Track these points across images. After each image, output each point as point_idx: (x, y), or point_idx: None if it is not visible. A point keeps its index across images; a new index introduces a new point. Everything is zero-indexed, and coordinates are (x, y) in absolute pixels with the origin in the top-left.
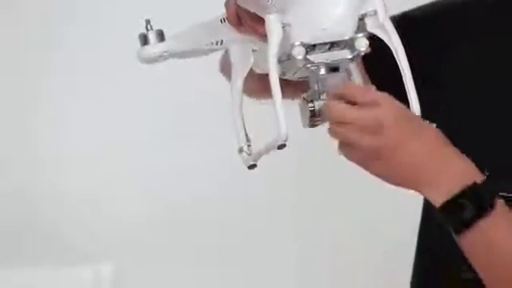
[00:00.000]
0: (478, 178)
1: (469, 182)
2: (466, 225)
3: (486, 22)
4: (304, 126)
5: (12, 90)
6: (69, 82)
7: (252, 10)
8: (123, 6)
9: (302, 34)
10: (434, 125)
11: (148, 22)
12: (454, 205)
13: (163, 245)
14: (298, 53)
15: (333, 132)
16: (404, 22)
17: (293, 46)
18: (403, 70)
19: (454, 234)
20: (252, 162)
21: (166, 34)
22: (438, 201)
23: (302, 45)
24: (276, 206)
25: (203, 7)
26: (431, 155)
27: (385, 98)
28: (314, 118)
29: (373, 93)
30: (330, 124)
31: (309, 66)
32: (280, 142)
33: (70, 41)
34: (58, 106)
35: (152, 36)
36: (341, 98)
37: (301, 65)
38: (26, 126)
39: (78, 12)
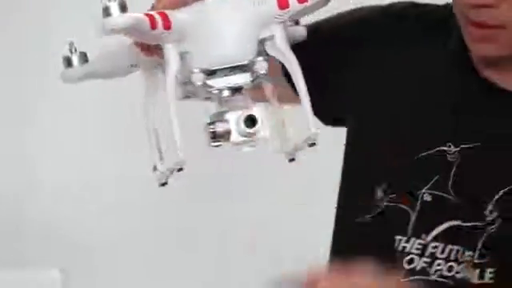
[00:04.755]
0: None
1: None
2: None
3: (389, 35)
4: (209, 146)
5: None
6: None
7: (150, 42)
8: None
9: (201, 61)
10: None
11: (72, 44)
12: None
13: (112, 249)
14: (197, 79)
15: None
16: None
17: (192, 72)
18: (301, 92)
19: None
20: (163, 181)
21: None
22: None
23: (201, 71)
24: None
25: None
26: None
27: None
28: (215, 139)
29: None
30: None
31: (209, 90)
32: (179, 166)
33: None
34: None
35: (75, 58)
36: None
37: (201, 90)
38: None
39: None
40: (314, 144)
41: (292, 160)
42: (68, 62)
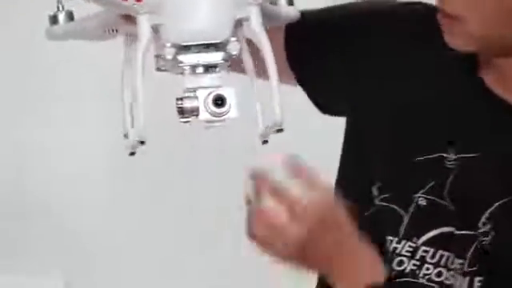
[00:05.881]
0: (381, 277)
1: (370, 281)
2: None
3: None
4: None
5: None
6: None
7: (123, 13)
8: None
9: (174, 35)
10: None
11: (59, 1)
12: None
13: (115, 259)
14: (168, 53)
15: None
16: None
17: (164, 46)
18: (271, 77)
19: None
20: (132, 150)
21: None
22: None
23: (173, 45)
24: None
25: None
26: (339, 252)
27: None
28: (183, 115)
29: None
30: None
31: (180, 65)
32: (139, 139)
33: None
34: None
35: (61, 16)
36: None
37: (172, 64)
38: None
39: None
40: (281, 130)
41: (265, 142)
42: (54, 20)
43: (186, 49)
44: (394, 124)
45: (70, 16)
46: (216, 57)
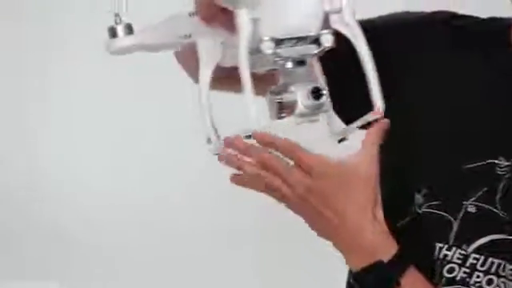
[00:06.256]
0: (389, 252)
1: (376, 258)
2: None
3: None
4: (271, 119)
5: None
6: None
7: (223, 5)
8: None
9: (271, 29)
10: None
11: (117, 15)
12: (361, 278)
13: (112, 262)
14: (268, 47)
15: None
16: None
17: (262, 40)
18: (368, 70)
19: None
20: (218, 152)
21: (135, 28)
22: (351, 267)
23: (271, 39)
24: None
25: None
26: (346, 224)
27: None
28: (281, 110)
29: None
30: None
31: (277, 59)
32: (249, 133)
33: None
34: None
35: (120, 29)
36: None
37: (270, 59)
38: None
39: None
40: (370, 124)
41: (342, 140)
42: (113, 33)
43: (280, 43)
44: (443, 130)
45: (129, 29)
46: (311, 49)
